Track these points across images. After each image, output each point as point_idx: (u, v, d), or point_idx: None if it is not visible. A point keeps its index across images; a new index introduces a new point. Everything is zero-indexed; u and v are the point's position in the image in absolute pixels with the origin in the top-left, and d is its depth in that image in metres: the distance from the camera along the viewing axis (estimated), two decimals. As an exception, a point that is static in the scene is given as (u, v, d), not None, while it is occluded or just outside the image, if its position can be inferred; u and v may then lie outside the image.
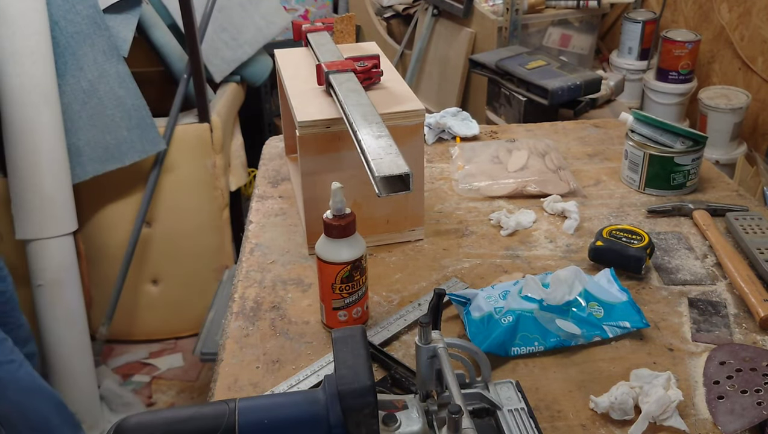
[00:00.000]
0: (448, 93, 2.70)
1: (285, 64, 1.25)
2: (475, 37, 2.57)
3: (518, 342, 0.89)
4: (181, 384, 2.20)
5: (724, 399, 0.81)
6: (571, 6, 2.57)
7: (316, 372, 0.87)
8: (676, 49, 2.39)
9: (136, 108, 2.04)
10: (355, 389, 0.63)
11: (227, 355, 0.92)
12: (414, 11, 2.95)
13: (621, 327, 0.92)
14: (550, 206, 1.22)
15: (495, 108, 2.22)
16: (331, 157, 1.05)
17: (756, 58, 2.33)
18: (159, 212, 2.20)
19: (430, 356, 0.73)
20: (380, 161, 0.84)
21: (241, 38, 2.43)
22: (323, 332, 0.96)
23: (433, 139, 1.49)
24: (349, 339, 0.68)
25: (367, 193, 1.09)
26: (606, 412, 0.80)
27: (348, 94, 1.01)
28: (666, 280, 1.04)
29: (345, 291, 0.91)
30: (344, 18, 1.32)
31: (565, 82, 1.94)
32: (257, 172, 1.41)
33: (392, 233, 1.15)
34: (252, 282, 1.07)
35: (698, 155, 1.25)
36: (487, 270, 1.08)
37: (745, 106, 2.29)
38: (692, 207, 1.19)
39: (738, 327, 0.95)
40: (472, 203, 1.26)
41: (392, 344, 0.93)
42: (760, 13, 2.28)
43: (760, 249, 1.06)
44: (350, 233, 0.90)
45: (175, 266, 2.28)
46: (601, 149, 1.45)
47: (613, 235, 1.06)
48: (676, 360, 0.89)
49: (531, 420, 0.77)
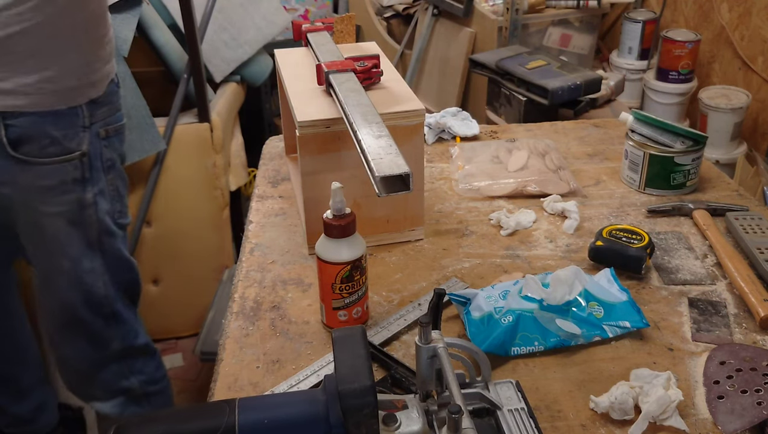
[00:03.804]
0: (448, 93, 2.70)
1: (285, 64, 1.25)
2: (475, 37, 2.57)
3: (518, 342, 0.89)
4: (181, 384, 2.20)
5: (724, 399, 0.81)
6: (571, 6, 2.57)
7: (316, 372, 0.87)
8: (676, 48, 2.39)
9: (136, 108, 2.04)
10: (355, 389, 0.63)
11: (227, 355, 0.92)
12: (414, 11, 2.95)
13: (621, 327, 0.92)
14: (550, 206, 1.22)
15: (495, 108, 2.22)
16: (331, 156, 1.05)
17: (756, 58, 2.33)
18: (159, 212, 2.20)
19: (430, 356, 0.73)
20: (380, 161, 0.84)
21: (241, 38, 2.43)
22: (323, 332, 0.96)
23: (433, 139, 1.49)
24: (349, 339, 0.68)
25: (367, 192, 1.09)
26: (606, 412, 0.80)
27: (348, 94, 1.01)
28: (666, 280, 1.04)
29: (345, 291, 0.91)
30: (344, 18, 1.32)
31: (565, 82, 1.94)
32: (257, 172, 1.41)
33: (392, 233, 1.15)
34: (252, 282, 1.07)
35: (698, 155, 1.25)
36: (487, 270, 1.08)
37: (745, 106, 2.29)
38: (692, 207, 1.19)
39: (738, 327, 0.95)
40: (472, 203, 1.26)
41: (392, 344, 0.93)
42: (760, 13, 2.28)
43: (760, 249, 1.06)
44: (350, 233, 0.90)
45: (175, 266, 2.27)
46: (601, 149, 1.45)
47: (613, 235, 1.06)
48: (676, 360, 0.89)
49: (531, 420, 0.77)
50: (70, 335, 1.53)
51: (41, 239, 1.41)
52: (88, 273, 1.46)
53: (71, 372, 1.62)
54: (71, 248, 1.42)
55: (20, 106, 1.24)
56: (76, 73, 1.30)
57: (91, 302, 1.48)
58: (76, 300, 1.47)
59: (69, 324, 1.51)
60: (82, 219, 1.41)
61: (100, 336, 1.53)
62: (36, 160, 1.30)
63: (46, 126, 1.28)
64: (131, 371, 1.60)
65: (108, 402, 1.59)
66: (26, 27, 1.21)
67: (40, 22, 1.22)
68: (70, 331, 1.53)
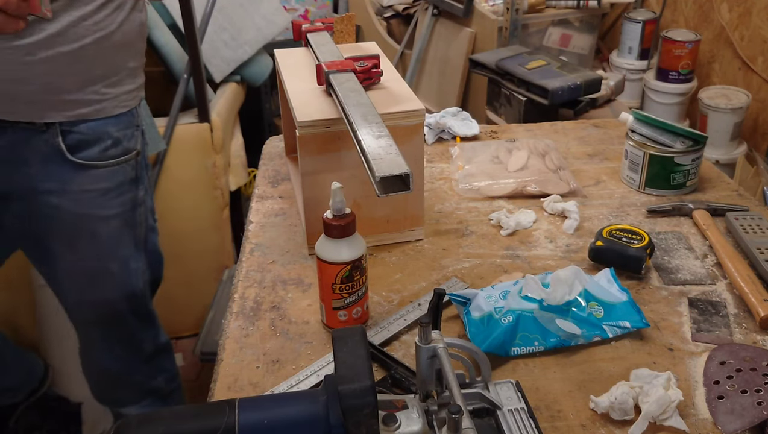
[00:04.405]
0: (448, 93, 2.70)
1: (285, 64, 1.25)
2: (475, 37, 2.57)
3: (518, 342, 0.89)
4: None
5: (724, 399, 0.81)
6: (571, 6, 2.57)
7: (316, 372, 0.87)
8: (676, 48, 2.39)
9: (136, 108, 2.04)
10: (355, 389, 0.63)
11: (227, 355, 0.92)
12: (414, 11, 2.95)
13: (621, 327, 0.92)
14: (550, 206, 1.22)
15: (495, 108, 2.22)
16: (331, 156, 1.05)
17: (756, 58, 2.33)
18: (159, 212, 2.18)
19: (430, 356, 0.73)
20: (380, 161, 0.84)
21: (241, 38, 2.43)
22: (323, 332, 0.96)
23: (433, 139, 1.49)
24: (349, 339, 0.68)
25: (367, 193, 1.09)
26: (606, 412, 0.80)
27: (348, 94, 1.01)
28: (666, 280, 1.04)
29: (345, 291, 0.91)
30: (344, 18, 1.32)
31: (565, 82, 1.95)
32: (257, 172, 1.41)
33: (392, 233, 1.15)
34: (252, 282, 1.07)
35: (698, 155, 1.25)
36: (487, 270, 1.08)
37: (745, 106, 2.29)
38: (692, 207, 1.19)
39: (738, 327, 0.95)
40: (472, 203, 1.26)
41: (392, 344, 0.93)
42: (760, 13, 2.28)
43: (760, 249, 1.06)
44: (350, 233, 0.90)
45: (175, 266, 2.27)
46: (601, 149, 1.45)
47: (613, 235, 1.06)
48: (676, 360, 0.89)
49: (531, 420, 0.77)
50: (108, 339, 1.50)
51: (90, 243, 1.37)
52: (133, 273, 1.45)
53: (103, 379, 1.59)
54: (122, 249, 1.41)
55: (84, 114, 1.24)
56: (133, 77, 1.32)
57: (132, 302, 1.47)
58: (120, 301, 1.45)
59: (109, 325, 1.48)
60: (134, 219, 1.41)
61: (134, 338, 1.52)
62: (95, 163, 1.29)
63: (108, 128, 1.29)
64: (158, 370, 1.60)
65: (137, 405, 1.58)
66: (99, 36, 1.21)
67: (112, 31, 1.23)
68: (108, 335, 1.50)
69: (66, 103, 1.22)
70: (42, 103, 1.20)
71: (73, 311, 1.50)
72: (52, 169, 1.27)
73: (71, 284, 1.44)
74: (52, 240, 1.36)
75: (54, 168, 1.27)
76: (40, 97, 1.19)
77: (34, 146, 1.23)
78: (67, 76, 1.20)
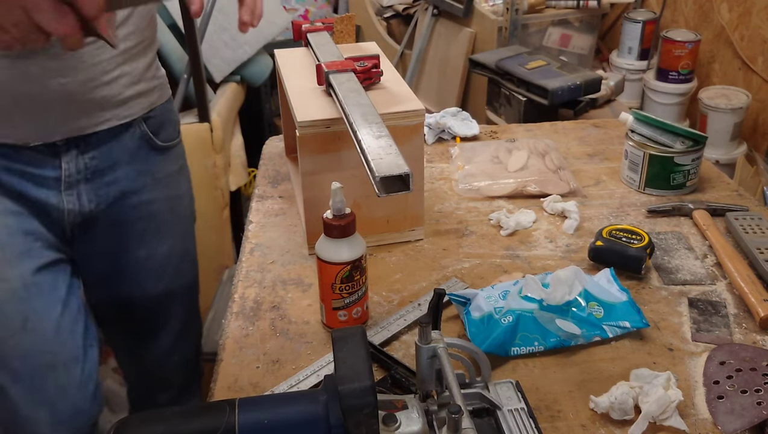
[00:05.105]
0: (448, 93, 2.70)
1: (285, 64, 1.25)
2: (475, 37, 2.57)
3: (518, 342, 0.89)
4: (181, 384, 2.19)
5: (724, 399, 0.81)
6: (571, 6, 2.58)
7: (316, 372, 0.87)
8: (676, 49, 2.39)
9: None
10: (355, 389, 0.63)
11: (227, 355, 0.92)
12: (414, 11, 2.95)
13: (621, 327, 0.92)
14: (550, 206, 1.22)
15: (495, 108, 2.22)
16: (331, 156, 1.05)
17: (756, 58, 2.33)
18: (159, 212, 2.20)
19: (430, 356, 0.73)
20: (380, 161, 0.84)
21: (241, 38, 2.43)
22: (323, 332, 0.96)
23: (433, 139, 1.49)
24: (349, 339, 0.68)
25: (367, 192, 1.09)
26: (606, 412, 0.80)
27: (348, 94, 1.01)
28: (666, 280, 1.04)
29: (345, 291, 0.91)
30: (344, 18, 1.32)
31: (565, 82, 1.95)
32: (257, 172, 1.41)
33: (392, 233, 1.15)
34: (252, 282, 1.07)
35: (698, 155, 1.25)
36: (487, 270, 1.08)
37: (745, 106, 2.29)
38: (692, 207, 1.19)
39: (738, 327, 0.95)
40: (472, 203, 1.26)
41: (392, 344, 0.93)
42: (760, 13, 2.29)
43: (760, 249, 1.06)
44: (350, 233, 0.90)
45: (175, 266, 2.27)
46: (601, 149, 1.45)
47: (613, 235, 1.06)
48: (676, 360, 0.89)
49: (531, 420, 0.77)
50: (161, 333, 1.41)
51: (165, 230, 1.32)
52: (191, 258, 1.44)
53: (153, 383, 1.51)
54: (185, 232, 1.41)
55: (154, 101, 1.24)
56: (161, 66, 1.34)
57: (187, 290, 1.44)
58: (195, 285, 1.44)
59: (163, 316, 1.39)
60: (191, 200, 1.42)
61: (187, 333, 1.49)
62: (170, 144, 1.30)
63: (168, 106, 1.30)
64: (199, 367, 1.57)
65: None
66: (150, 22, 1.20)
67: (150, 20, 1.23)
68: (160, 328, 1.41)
69: (142, 95, 1.20)
70: (129, 100, 1.17)
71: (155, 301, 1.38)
72: (140, 164, 1.23)
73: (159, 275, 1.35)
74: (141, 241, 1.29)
75: (141, 162, 1.24)
76: (125, 94, 1.17)
77: (123, 145, 1.20)
78: (140, 60, 1.18)
